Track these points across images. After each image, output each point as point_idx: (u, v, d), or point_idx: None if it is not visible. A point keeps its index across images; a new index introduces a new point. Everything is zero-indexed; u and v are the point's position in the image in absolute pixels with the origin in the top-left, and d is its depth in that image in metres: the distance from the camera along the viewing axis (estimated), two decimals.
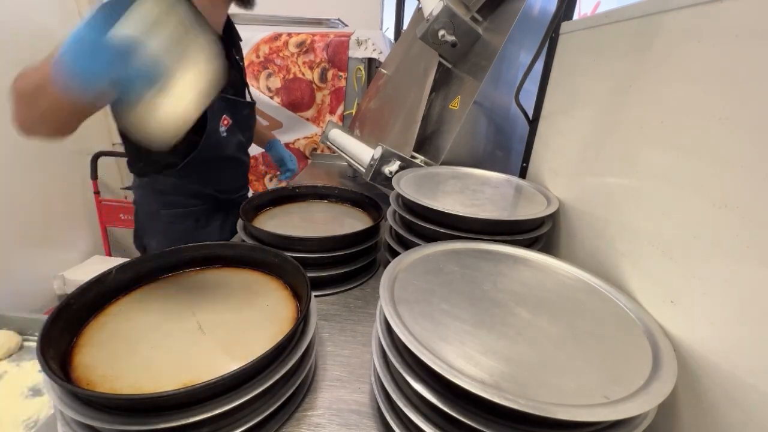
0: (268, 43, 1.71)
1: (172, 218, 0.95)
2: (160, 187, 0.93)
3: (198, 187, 0.95)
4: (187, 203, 0.96)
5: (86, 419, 0.33)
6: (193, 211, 0.97)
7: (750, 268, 0.33)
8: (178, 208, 0.95)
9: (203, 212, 0.99)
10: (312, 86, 1.73)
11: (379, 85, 1.38)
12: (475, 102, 0.85)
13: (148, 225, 0.98)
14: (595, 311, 0.44)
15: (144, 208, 0.97)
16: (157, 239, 0.97)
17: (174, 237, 0.96)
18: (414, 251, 0.53)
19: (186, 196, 0.95)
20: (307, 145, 1.83)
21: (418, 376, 0.35)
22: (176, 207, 0.95)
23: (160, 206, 0.94)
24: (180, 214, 0.96)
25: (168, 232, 0.96)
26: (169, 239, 0.96)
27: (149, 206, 0.95)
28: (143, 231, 0.99)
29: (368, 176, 0.87)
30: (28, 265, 1.80)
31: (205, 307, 0.49)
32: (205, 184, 0.96)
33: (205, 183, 0.95)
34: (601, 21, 0.60)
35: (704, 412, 0.36)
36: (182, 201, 0.95)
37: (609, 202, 0.55)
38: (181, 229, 0.97)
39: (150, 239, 0.98)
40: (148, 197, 0.95)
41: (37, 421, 1.10)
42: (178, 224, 0.96)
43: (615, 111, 0.55)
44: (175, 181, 0.92)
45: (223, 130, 0.92)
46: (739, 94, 0.35)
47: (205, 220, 1.00)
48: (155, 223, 0.96)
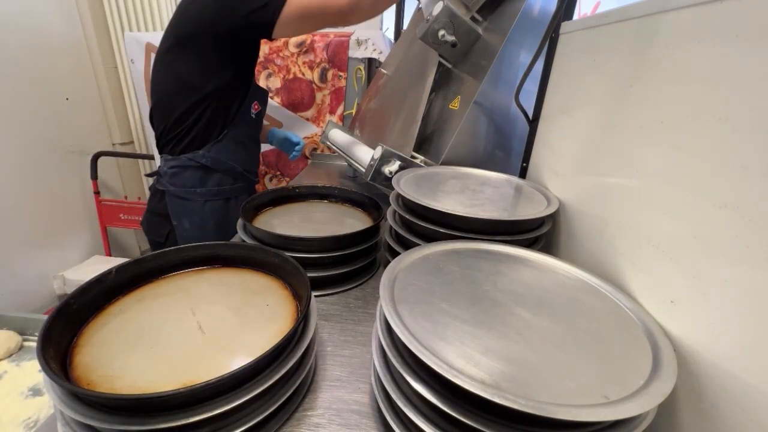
0: (268, 43, 1.71)
1: (207, 196, 1.05)
2: (201, 161, 1.03)
3: (232, 164, 1.07)
4: (223, 181, 1.07)
5: (86, 419, 0.33)
6: (226, 189, 1.08)
7: (750, 268, 0.33)
8: (213, 186, 1.06)
9: (234, 192, 1.10)
10: (312, 86, 1.73)
11: (379, 85, 1.38)
12: (475, 102, 0.85)
13: (182, 205, 1.05)
14: (595, 311, 0.44)
15: (176, 191, 1.04)
16: (191, 219, 1.05)
17: (208, 216, 1.06)
18: (414, 251, 0.53)
19: (222, 173, 1.06)
20: (307, 145, 1.82)
21: (418, 376, 0.35)
22: (211, 185, 1.06)
23: (197, 183, 1.04)
24: (214, 192, 1.06)
25: (203, 211, 1.06)
26: (204, 218, 1.06)
27: (185, 185, 1.03)
28: (175, 212, 1.06)
29: (368, 176, 0.87)
30: (28, 265, 1.80)
31: (205, 307, 0.49)
32: (238, 161, 1.07)
33: (237, 160, 1.07)
34: (601, 21, 0.60)
35: (704, 412, 0.36)
36: (218, 179, 1.06)
37: (609, 202, 0.55)
38: (217, 206, 1.07)
39: (183, 219, 1.05)
40: (184, 177, 1.03)
41: (37, 421, 1.10)
42: (213, 202, 1.06)
43: (615, 111, 0.55)
44: (214, 157, 1.03)
45: (254, 114, 1.08)
46: (739, 95, 0.35)
47: (234, 200, 1.10)
48: (189, 202, 1.04)
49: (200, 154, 1.02)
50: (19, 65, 1.67)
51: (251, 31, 0.93)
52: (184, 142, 1.02)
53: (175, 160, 1.02)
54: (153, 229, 1.11)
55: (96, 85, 2.10)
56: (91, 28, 2.01)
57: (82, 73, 2.02)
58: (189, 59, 0.95)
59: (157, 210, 1.08)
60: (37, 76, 1.75)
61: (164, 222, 1.07)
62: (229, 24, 0.91)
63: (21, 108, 1.65)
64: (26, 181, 1.71)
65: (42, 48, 1.78)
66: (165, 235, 1.08)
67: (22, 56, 1.68)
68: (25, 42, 1.69)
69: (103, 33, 2.06)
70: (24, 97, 1.67)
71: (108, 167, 2.18)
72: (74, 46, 1.95)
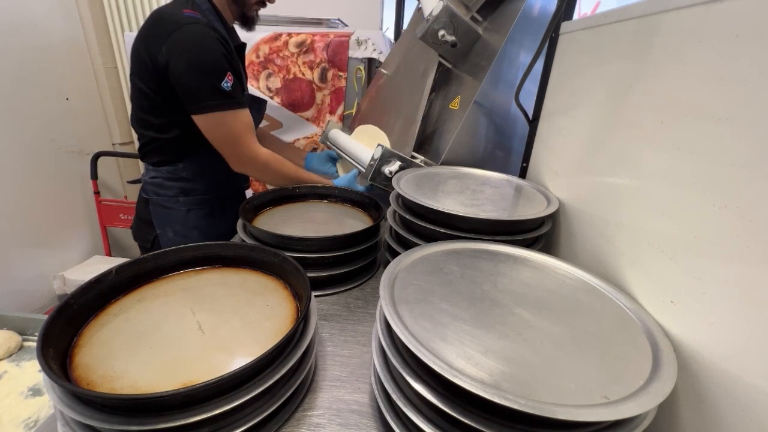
0: (268, 43, 1.71)
1: (190, 205, 1.02)
2: (182, 174, 1.00)
3: (215, 174, 1.02)
4: (207, 190, 1.03)
5: (86, 419, 0.33)
6: (210, 199, 1.04)
7: (750, 268, 0.33)
8: (197, 195, 1.02)
9: (218, 201, 1.06)
10: (312, 86, 1.73)
11: (379, 85, 1.38)
12: (475, 102, 0.85)
13: (165, 214, 1.03)
14: (595, 311, 0.44)
15: (159, 200, 1.02)
16: (174, 228, 1.03)
17: (191, 225, 1.03)
18: (414, 251, 0.53)
19: (205, 182, 1.02)
20: (307, 145, 1.82)
21: (418, 376, 0.35)
22: (195, 194, 1.02)
23: (179, 193, 1.01)
24: (198, 201, 1.03)
25: (186, 219, 1.03)
26: (187, 227, 1.03)
27: (167, 194, 1.01)
28: (159, 221, 1.04)
29: (368, 176, 0.87)
30: (28, 265, 1.80)
31: (205, 307, 0.49)
32: (222, 171, 1.01)
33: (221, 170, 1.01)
34: (601, 21, 0.60)
35: (704, 412, 0.36)
36: (201, 188, 1.02)
37: (609, 202, 0.55)
38: (200, 215, 1.04)
39: (167, 227, 1.03)
40: (167, 187, 1.00)
41: (37, 421, 1.10)
42: (196, 211, 1.03)
43: (615, 111, 0.55)
44: (195, 169, 1.00)
45: None
46: (739, 95, 0.35)
47: (220, 209, 1.07)
48: (173, 211, 1.02)
49: (180, 167, 0.99)
50: (20, 65, 1.67)
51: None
52: (162, 155, 0.98)
53: (156, 171, 1.00)
54: (140, 234, 1.09)
55: (96, 85, 2.09)
56: (91, 28, 2.01)
57: (82, 73, 2.01)
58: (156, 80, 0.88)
59: (143, 216, 1.06)
60: (37, 76, 1.75)
61: (150, 228, 1.05)
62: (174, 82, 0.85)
63: (21, 108, 1.65)
64: (26, 181, 1.71)
65: (42, 48, 1.77)
66: (151, 241, 1.07)
67: (22, 56, 1.68)
68: (25, 42, 1.69)
69: (103, 33, 2.06)
70: (24, 97, 1.67)
71: (108, 167, 2.18)
72: (74, 46, 1.95)
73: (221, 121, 0.88)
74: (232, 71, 0.86)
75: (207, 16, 0.89)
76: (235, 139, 0.91)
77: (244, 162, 0.95)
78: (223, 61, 0.85)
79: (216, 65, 0.84)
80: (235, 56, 0.93)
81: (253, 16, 1.01)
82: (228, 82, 0.85)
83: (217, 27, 0.89)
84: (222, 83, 0.84)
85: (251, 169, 0.98)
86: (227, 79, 0.85)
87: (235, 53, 0.93)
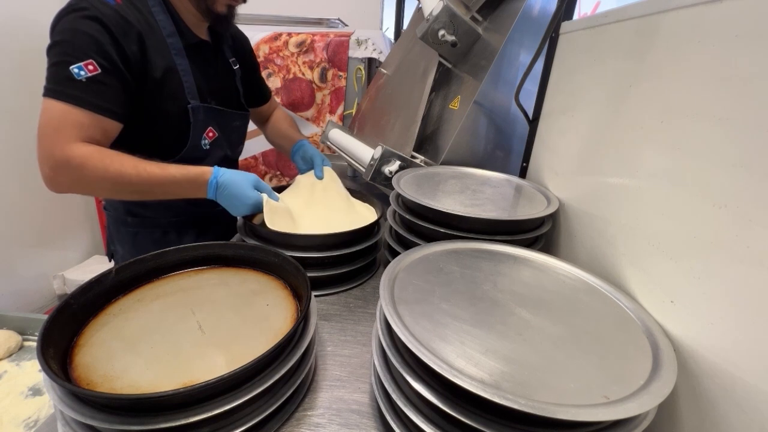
0: (268, 43, 1.71)
1: (138, 226, 0.92)
2: None
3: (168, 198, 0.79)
4: (156, 213, 0.91)
5: (86, 419, 0.33)
6: (161, 222, 0.92)
7: (750, 268, 0.33)
8: (146, 217, 0.91)
9: (173, 225, 0.93)
10: (312, 86, 1.73)
11: (379, 85, 1.38)
12: (475, 102, 0.85)
13: (116, 231, 0.94)
14: (595, 311, 0.44)
15: (112, 214, 0.93)
16: (125, 247, 0.94)
17: (141, 247, 0.92)
18: (414, 251, 0.53)
19: (154, 206, 0.89)
20: None
21: (418, 376, 0.35)
22: (143, 216, 0.91)
23: (126, 214, 0.90)
24: (147, 224, 0.91)
25: (135, 240, 0.92)
26: (137, 248, 0.92)
27: (116, 212, 0.92)
28: (112, 237, 0.97)
29: (368, 176, 0.87)
30: (28, 265, 1.80)
31: (205, 307, 0.49)
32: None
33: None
34: (601, 21, 0.60)
35: (704, 412, 0.36)
36: (151, 211, 0.90)
37: (609, 202, 0.55)
38: (149, 240, 0.92)
39: (118, 246, 0.95)
40: (116, 203, 0.92)
41: (37, 421, 1.10)
42: (146, 233, 0.92)
43: (615, 111, 0.55)
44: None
45: (206, 143, 0.86)
46: (738, 94, 0.35)
47: (175, 233, 0.94)
48: (124, 229, 0.93)
49: None
50: (20, 65, 1.67)
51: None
52: None
53: None
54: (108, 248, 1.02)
55: None
56: None
57: None
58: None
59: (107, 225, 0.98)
60: (37, 77, 1.75)
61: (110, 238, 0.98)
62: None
63: (21, 108, 1.65)
64: (26, 181, 1.71)
65: (42, 48, 1.77)
66: (111, 252, 0.99)
67: (22, 56, 1.68)
68: (25, 42, 1.69)
69: None
70: (24, 97, 1.67)
71: None
72: None
73: (44, 108, 0.67)
74: (107, 62, 0.68)
75: (136, 4, 0.74)
76: (47, 132, 0.66)
77: (56, 166, 0.66)
78: (87, 45, 0.66)
79: (73, 46, 0.66)
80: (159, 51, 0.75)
81: (223, 14, 0.81)
82: (84, 70, 0.66)
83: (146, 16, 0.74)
84: (73, 67, 0.65)
85: (66, 176, 0.67)
86: (85, 67, 0.66)
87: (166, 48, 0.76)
